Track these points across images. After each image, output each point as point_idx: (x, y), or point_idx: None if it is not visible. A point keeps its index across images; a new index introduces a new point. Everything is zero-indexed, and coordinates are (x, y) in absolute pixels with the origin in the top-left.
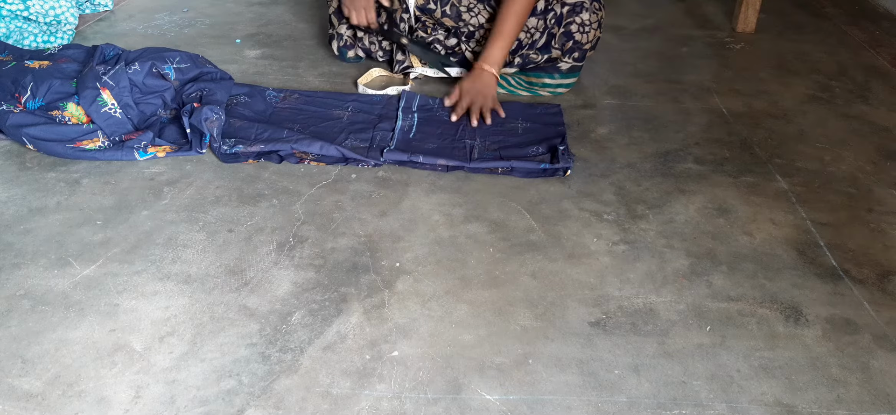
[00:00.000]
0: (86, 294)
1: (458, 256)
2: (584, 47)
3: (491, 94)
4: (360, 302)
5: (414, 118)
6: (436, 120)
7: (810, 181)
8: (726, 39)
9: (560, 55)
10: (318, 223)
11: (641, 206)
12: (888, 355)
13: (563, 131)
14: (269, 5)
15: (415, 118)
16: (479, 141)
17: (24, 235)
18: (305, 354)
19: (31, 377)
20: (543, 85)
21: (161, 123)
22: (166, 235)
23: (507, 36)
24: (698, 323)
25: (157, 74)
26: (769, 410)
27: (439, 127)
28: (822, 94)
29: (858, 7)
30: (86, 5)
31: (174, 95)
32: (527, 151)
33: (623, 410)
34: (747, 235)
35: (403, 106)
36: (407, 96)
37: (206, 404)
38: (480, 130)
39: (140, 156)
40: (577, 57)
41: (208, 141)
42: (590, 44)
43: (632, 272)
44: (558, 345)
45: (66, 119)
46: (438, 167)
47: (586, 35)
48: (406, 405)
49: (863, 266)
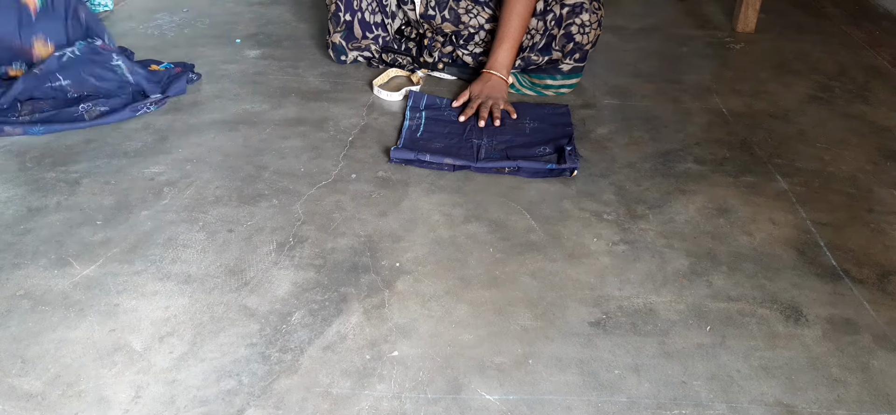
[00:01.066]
0: (86, 294)
1: (458, 256)
2: (585, 48)
3: (501, 96)
4: (360, 302)
5: (421, 117)
6: (443, 120)
7: (810, 181)
8: (726, 39)
9: (561, 56)
10: (318, 223)
11: (641, 206)
12: (888, 355)
13: (570, 131)
14: (269, 5)
15: (422, 117)
16: (485, 141)
17: (24, 235)
18: (305, 354)
19: (31, 377)
20: (546, 86)
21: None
22: (166, 235)
23: (512, 38)
24: (698, 323)
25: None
26: (769, 410)
27: (446, 127)
28: (822, 94)
29: (858, 7)
30: None
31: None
32: (534, 151)
33: (623, 410)
34: (747, 235)
35: (411, 105)
36: (414, 96)
37: (206, 404)
38: (487, 130)
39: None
40: (577, 58)
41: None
42: (590, 44)
43: (632, 272)
44: (558, 345)
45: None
46: (445, 167)
47: (586, 36)
48: (406, 405)
49: (863, 266)
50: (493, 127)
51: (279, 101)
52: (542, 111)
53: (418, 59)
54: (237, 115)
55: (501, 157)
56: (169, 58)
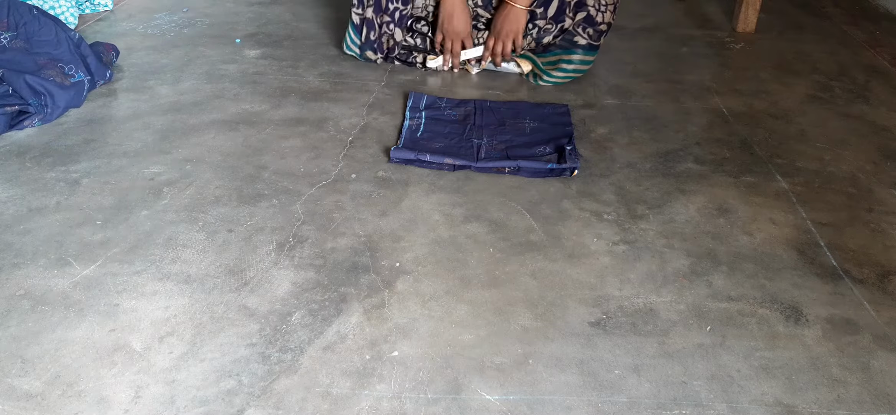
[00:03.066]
0: (86, 294)
1: (458, 256)
2: (599, 26)
3: (519, 30)
4: (360, 302)
5: (422, 117)
6: (443, 119)
7: (810, 181)
8: (726, 39)
9: (572, 25)
10: (318, 223)
11: (641, 206)
12: (888, 355)
13: (570, 131)
14: (269, 5)
15: (422, 117)
16: (486, 140)
17: (23, 235)
18: (305, 354)
19: (30, 377)
20: (561, 69)
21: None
22: (166, 235)
23: None
24: (698, 323)
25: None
26: (769, 410)
27: (447, 126)
28: (822, 94)
29: (858, 7)
30: (86, 5)
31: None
32: (534, 151)
33: (623, 410)
34: (747, 235)
35: (411, 105)
36: (414, 96)
37: (205, 404)
38: (488, 130)
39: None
40: (591, 34)
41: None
42: (605, 23)
43: (632, 272)
44: (558, 345)
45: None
46: (445, 166)
47: (601, 13)
48: (406, 405)
49: (863, 266)
50: (494, 127)
51: (279, 101)
52: (542, 111)
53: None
54: (237, 115)
55: (502, 156)
56: (169, 58)
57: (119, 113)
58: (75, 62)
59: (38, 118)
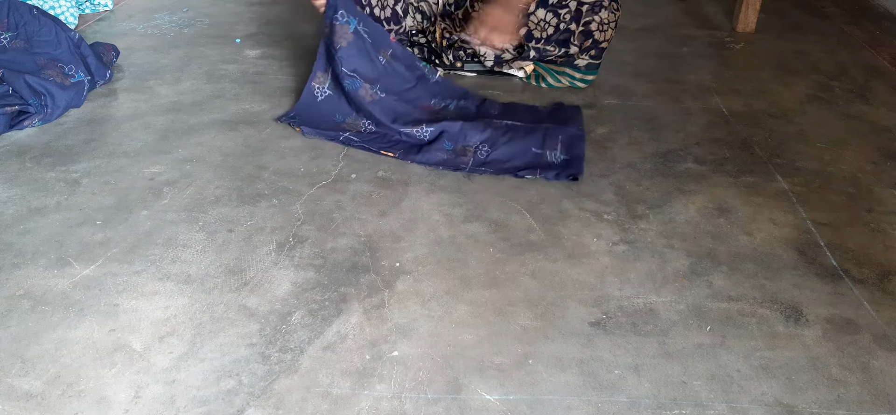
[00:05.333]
0: (86, 294)
1: (458, 256)
2: (601, 45)
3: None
4: (360, 302)
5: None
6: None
7: (810, 181)
8: (726, 39)
9: (578, 52)
10: (318, 223)
11: (641, 206)
12: (888, 355)
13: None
14: (269, 5)
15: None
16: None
17: (23, 235)
18: (305, 354)
19: (30, 377)
20: (564, 73)
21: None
22: (166, 235)
23: None
24: (698, 323)
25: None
26: (769, 410)
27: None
28: (822, 94)
29: (858, 7)
30: (86, 5)
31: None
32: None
33: (623, 410)
34: (747, 235)
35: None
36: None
37: (205, 404)
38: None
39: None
40: (593, 55)
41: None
42: (606, 41)
43: (632, 272)
44: (558, 345)
45: None
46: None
47: (604, 33)
48: (406, 405)
49: (863, 266)
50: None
51: (279, 101)
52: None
53: (431, 61)
54: (237, 115)
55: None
56: (169, 58)
57: (119, 113)
58: (75, 62)
59: (38, 118)
